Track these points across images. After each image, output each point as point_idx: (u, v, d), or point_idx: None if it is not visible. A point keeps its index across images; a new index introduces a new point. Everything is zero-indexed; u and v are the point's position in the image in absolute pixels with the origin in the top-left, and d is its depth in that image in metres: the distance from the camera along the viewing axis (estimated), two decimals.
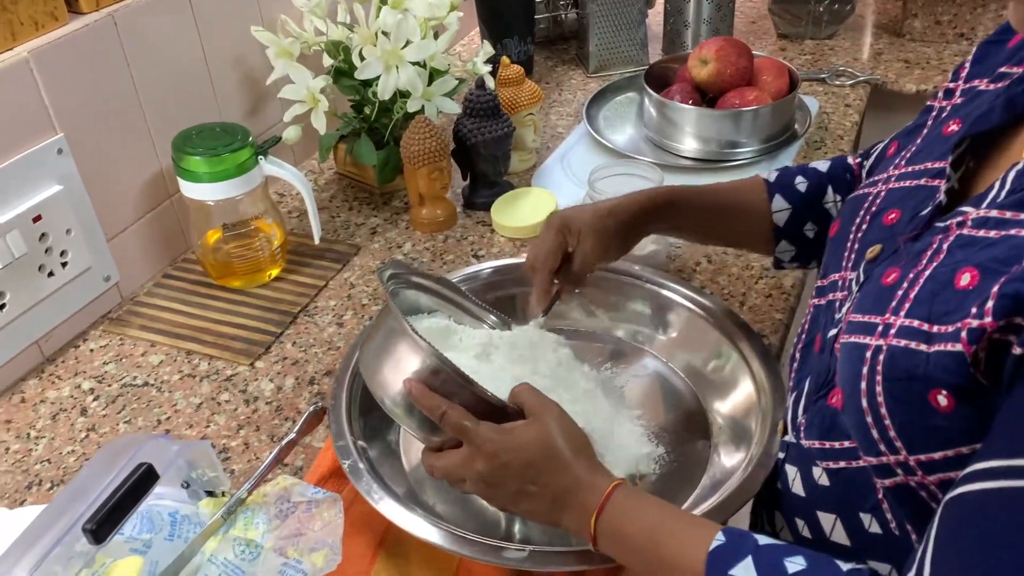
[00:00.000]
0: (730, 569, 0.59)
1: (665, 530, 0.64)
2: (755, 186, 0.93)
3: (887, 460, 0.60)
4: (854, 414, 0.62)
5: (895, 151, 0.79)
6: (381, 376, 0.75)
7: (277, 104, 1.29)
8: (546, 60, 1.72)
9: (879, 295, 0.63)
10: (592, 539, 0.67)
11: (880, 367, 0.59)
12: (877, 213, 0.72)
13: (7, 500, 0.86)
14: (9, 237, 0.93)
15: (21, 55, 0.93)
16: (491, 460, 0.68)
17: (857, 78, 1.56)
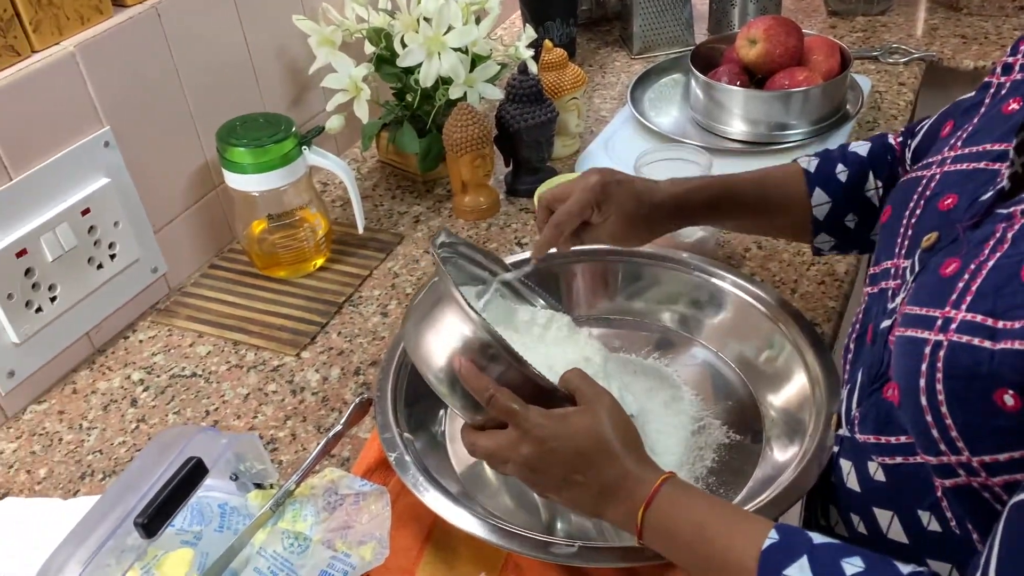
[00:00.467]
0: (784, 568, 0.57)
1: (715, 525, 0.63)
2: (795, 178, 0.89)
3: (948, 460, 0.58)
4: (912, 412, 0.59)
5: (950, 131, 0.75)
6: (427, 347, 0.72)
7: (319, 93, 1.29)
8: (589, 42, 1.69)
9: (937, 286, 0.60)
10: (638, 532, 0.65)
11: (940, 364, 0.56)
12: (932, 198, 0.69)
13: (61, 491, 0.88)
14: (59, 230, 0.94)
15: (68, 49, 0.93)
16: (539, 445, 0.67)
17: (911, 55, 1.51)
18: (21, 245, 0.91)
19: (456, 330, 0.70)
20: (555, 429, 0.67)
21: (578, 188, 0.84)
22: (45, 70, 0.91)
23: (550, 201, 0.85)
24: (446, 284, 0.71)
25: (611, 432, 0.67)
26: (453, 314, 0.71)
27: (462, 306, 0.70)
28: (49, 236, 0.93)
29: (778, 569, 0.57)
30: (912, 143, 0.84)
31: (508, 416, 0.68)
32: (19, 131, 0.90)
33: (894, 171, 0.86)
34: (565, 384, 0.71)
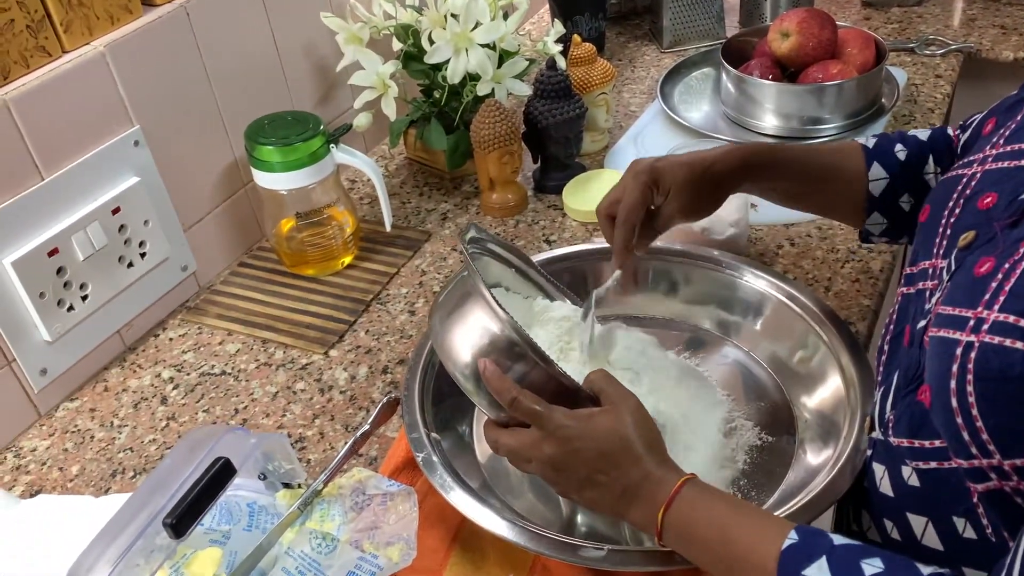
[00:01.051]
0: (803, 569, 0.56)
1: (735, 526, 0.62)
2: (853, 151, 0.87)
3: (979, 464, 0.57)
4: (943, 414, 0.58)
5: (992, 128, 0.73)
6: (453, 344, 0.72)
7: (347, 91, 1.29)
8: (618, 36, 1.68)
9: (971, 286, 0.59)
10: (658, 533, 0.65)
11: (971, 365, 0.55)
12: (972, 196, 0.67)
13: (93, 488, 0.88)
14: (90, 229, 0.95)
15: (98, 49, 0.94)
16: (563, 446, 0.67)
17: (949, 47, 1.48)
18: (53, 244, 0.92)
19: (483, 327, 0.70)
20: (579, 430, 0.67)
21: (630, 179, 0.83)
22: (76, 70, 0.92)
23: (608, 206, 0.84)
24: (474, 280, 0.71)
25: (634, 433, 0.67)
26: (480, 311, 0.71)
27: (490, 303, 0.69)
28: (80, 235, 0.94)
29: (797, 570, 0.57)
30: (963, 137, 0.83)
31: (532, 418, 0.68)
32: (50, 131, 0.91)
33: (952, 161, 0.84)
34: (590, 384, 0.71)
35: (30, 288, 0.90)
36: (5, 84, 0.87)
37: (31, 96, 0.88)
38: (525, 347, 0.69)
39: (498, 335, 0.70)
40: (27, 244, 0.90)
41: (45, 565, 0.76)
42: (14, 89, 0.87)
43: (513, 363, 0.69)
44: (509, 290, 0.85)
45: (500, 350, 0.69)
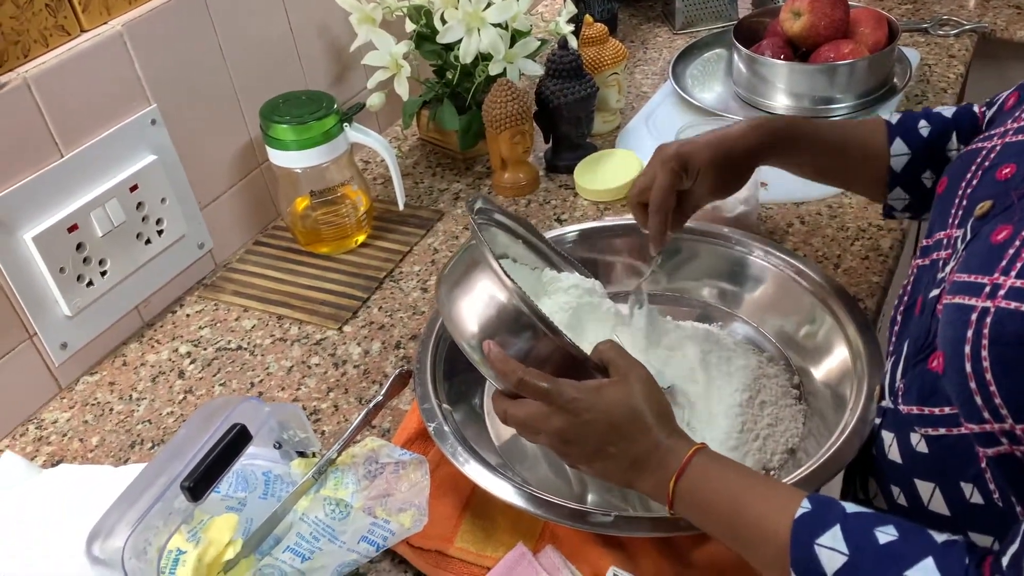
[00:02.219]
0: (817, 538, 0.57)
1: (747, 496, 0.63)
2: (876, 127, 0.88)
3: (991, 428, 0.57)
4: (956, 379, 0.58)
5: (1014, 103, 0.74)
6: (460, 314, 0.72)
7: (361, 71, 1.30)
8: (631, 18, 1.68)
9: (987, 254, 0.59)
10: (669, 502, 0.65)
11: (987, 330, 0.56)
12: (990, 168, 0.67)
13: (112, 458, 0.90)
14: (108, 206, 0.97)
15: (115, 28, 0.95)
16: (572, 418, 0.67)
17: (963, 27, 1.47)
18: (72, 220, 0.94)
19: (490, 297, 0.71)
20: (588, 402, 0.67)
21: (658, 166, 0.83)
22: (94, 49, 0.93)
23: (638, 194, 0.85)
24: (482, 250, 0.71)
25: (644, 404, 0.67)
26: (487, 280, 0.71)
27: (497, 273, 0.70)
28: (99, 212, 0.96)
29: (811, 538, 0.57)
30: (988, 114, 0.83)
31: (540, 396, 0.68)
32: (69, 109, 0.92)
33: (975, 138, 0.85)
34: (599, 355, 0.71)
35: (50, 263, 0.92)
36: (25, 62, 0.89)
37: (50, 74, 0.90)
38: (532, 317, 0.69)
39: (505, 304, 0.70)
40: (47, 220, 0.92)
41: (66, 531, 0.78)
42: (34, 67, 0.89)
43: (520, 333, 0.69)
44: (516, 261, 0.86)
45: (507, 320, 0.70)
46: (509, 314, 0.70)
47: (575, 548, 0.75)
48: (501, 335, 0.70)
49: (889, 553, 0.55)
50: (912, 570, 0.54)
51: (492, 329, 0.71)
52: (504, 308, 0.70)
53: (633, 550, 0.74)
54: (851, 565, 0.56)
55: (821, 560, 0.56)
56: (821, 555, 0.56)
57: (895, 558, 0.55)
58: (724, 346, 0.88)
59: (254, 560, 0.74)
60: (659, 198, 0.83)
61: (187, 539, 0.73)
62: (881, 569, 0.55)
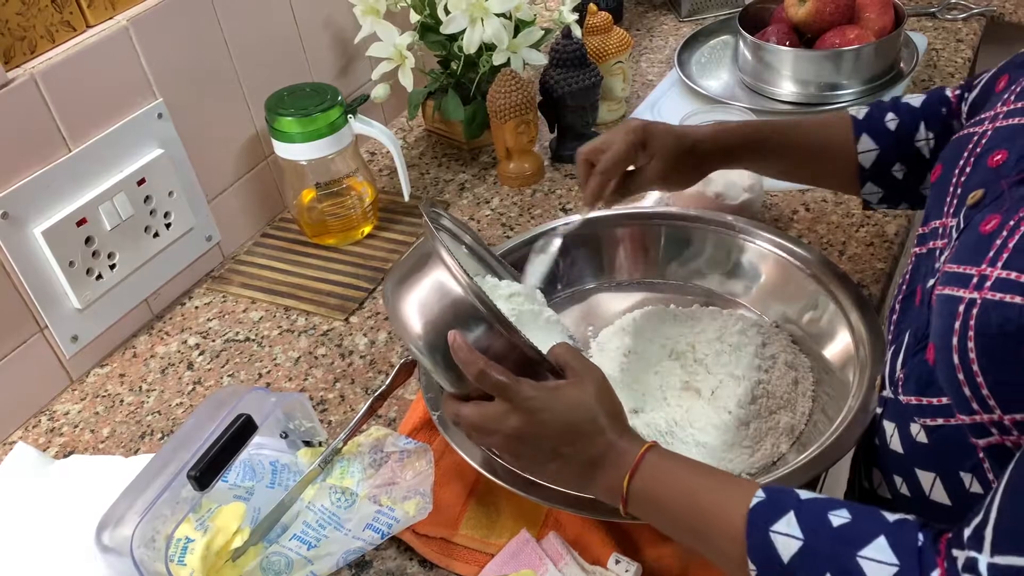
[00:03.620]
0: (772, 525, 0.57)
1: (701, 489, 0.63)
2: (841, 124, 0.87)
3: (981, 419, 0.57)
4: (946, 370, 0.58)
5: (1004, 85, 0.73)
6: (410, 313, 0.67)
7: (366, 63, 1.30)
8: (636, 6, 1.67)
9: (976, 244, 0.59)
10: (623, 500, 0.65)
11: (973, 322, 0.56)
12: (982, 154, 0.67)
13: (123, 449, 0.92)
14: (116, 200, 0.98)
15: (121, 23, 0.96)
16: (529, 417, 0.65)
17: (971, 10, 1.46)
18: (81, 214, 0.95)
19: (445, 296, 0.66)
20: (546, 401, 0.66)
21: (620, 133, 0.84)
22: (100, 44, 0.94)
23: (590, 153, 0.85)
24: (435, 246, 0.67)
25: (599, 406, 0.66)
26: (442, 276, 0.67)
27: (452, 270, 0.66)
28: (107, 205, 0.97)
29: (766, 525, 0.58)
30: (970, 97, 0.82)
31: (498, 391, 0.66)
32: (76, 104, 0.93)
33: (948, 124, 0.84)
34: (554, 357, 0.69)
35: (60, 257, 0.93)
36: (32, 58, 0.90)
37: (57, 70, 0.91)
38: (489, 315, 0.65)
39: (461, 300, 0.66)
40: (56, 214, 0.93)
41: (78, 519, 0.80)
42: (41, 63, 0.90)
43: (475, 331, 0.66)
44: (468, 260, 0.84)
45: (462, 317, 0.65)
46: (465, 311, 0.66)
47: (578, 534, 0.75)
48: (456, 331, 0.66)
49: (842, 535, 0.56)
50: (866, 549, 0.54)
51: (445, 326, 0.66)
52: (460, 304, 0.66)
53: (635, 536, 0.75)
54: (806, 549, 0.56)
55: (777, 546, 0.57)
56: (776, 541, 0.57)
57: (849, 539, 0.55)
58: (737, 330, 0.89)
59: (262, 548, 0.75)
60: (609, 161, 0.83)
61: (195, 527, 0.74)
62: (836, 551, 0.55)
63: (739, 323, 0.90)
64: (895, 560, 0.53)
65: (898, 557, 0.53)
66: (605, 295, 1.00)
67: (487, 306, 0.65)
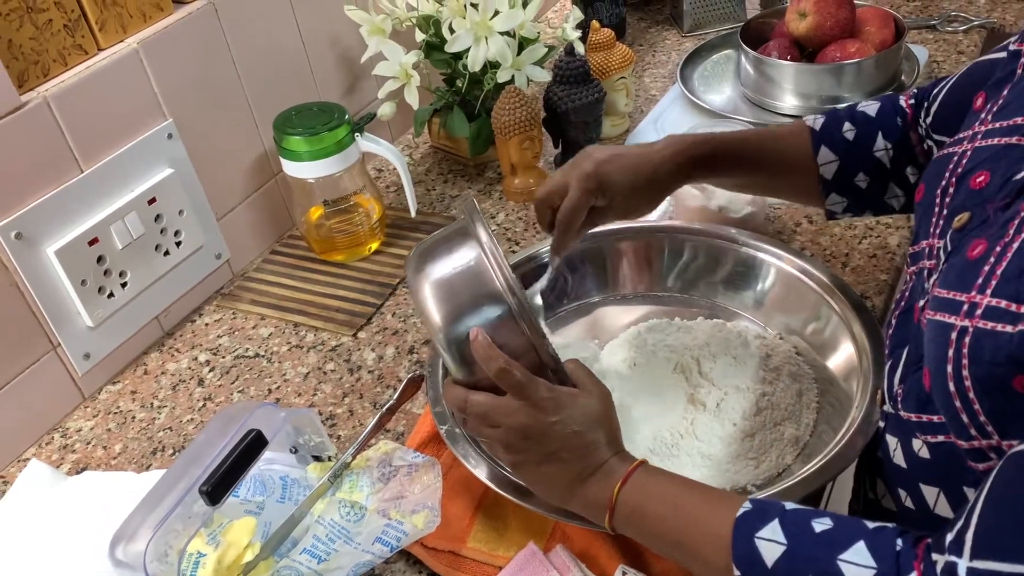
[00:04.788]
0: (757, 532, 0.59)
1: (689, 500, 0.65)
2: (799, 136, 0.86)
3: (980, 445, 0.57)
4: (943, 398, 0.58)
5: (982, 103, 0.71)
6: (433, 292, 0.66)
7: (373, 82, 1.32)
8: (639, 22, 1.69)
9: (964, 269, 0.59)
10: (611, 509, 0.66)
11: (966, 350, 0.55)
12: (964, 175, 0.66)
13: (135, 465, 0.93)
14: (127, 219, 0.99)
15: (131, 46, 0.98)
16: (541, 417, 0.66)
17: (971, 22, 1.47)
18: (93, 234, 0.96)
19: (477, 283, 0.66)
20: (561, 404, 0.67)
21: (574, 180, 0.81)
22: (111, 67, 0.96)
23: (547, 196, 0.83)
24: (479, 232, 0.67)
25: (606, 422, 0.69)
26: (479, 267, 0.66)
27: (493, 261, 0.65)
28: (118, 225, 0.98)
29: (751, 533, 0.59)
30: (930, 106, 0.81)
31: (517, 389, 0.66)
32: (88, 126, 0.95)
33: (906, 134, 0.84)
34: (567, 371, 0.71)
35: (72, 276, 0.95)
36: (45, 81, 0.92)
37: (70, 93, 0.92)
38: (521, 313, 0.65)
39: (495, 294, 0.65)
40: (69, 234, 0.94)
41: (91, 535, 0.81)
42: (54, 86, 0.91)
43: (501, 326, 0.65)
44: None
45: (492, 310, 0.65)
46: (497, 304, 0.65)
47: (585, 547, 0.76)
48: (481, 321, 0.65)
49: (823, 540, 0.57)
50: (846, 553, 0.55)
51: (470, 314, 0.65)
52: (492, 296, 0.65)
53: (642, 548, 0.75)
54: (789, 553, 0.57)
55: (761, 552, 0.58)
56: (761, 547, 0.58)
57: (829, 544, 0.57)
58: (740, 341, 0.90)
59: (273, 562, 0.76)
60: (567, 215, 0.81)
61: (207, 542, 0.75)
62: (817, 554, 0.56)
63: (743, 335, 0.91)
64: (873, 563, 0.54)
65: (876, 560, 0.55)
66: (610, 308, 1.01)
67: (522, 306, 0.65)
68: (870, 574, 0.54)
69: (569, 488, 0.68)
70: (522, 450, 0.68)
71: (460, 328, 0.66)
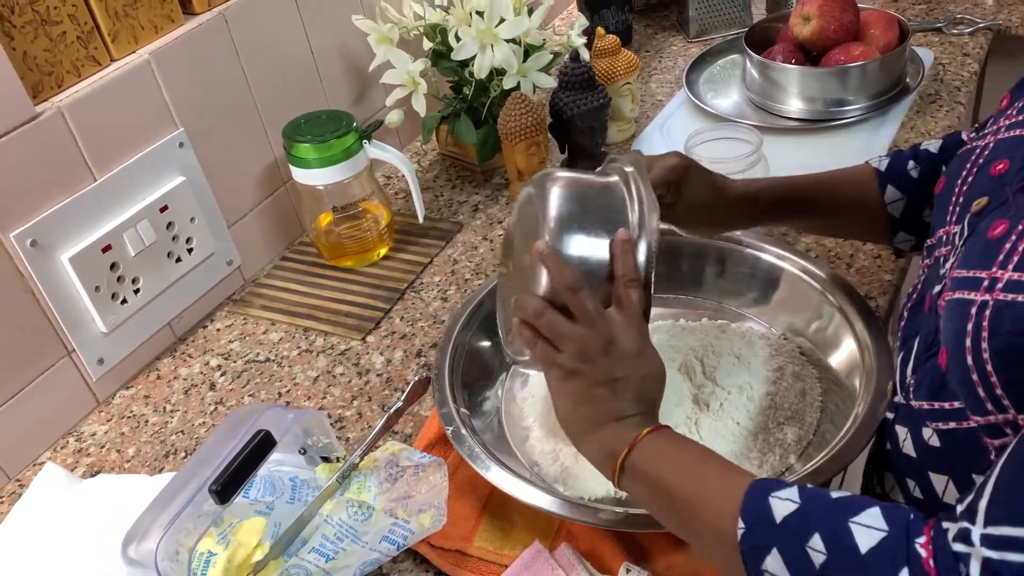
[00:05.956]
0: (773, 491, 0.59)
1: (711, 457, 0.65)
2: (866, 177, 0.88)
3: (995, 420, 0.58)
4: (959, 372, 0.60)
5: (1007, 103, 0.74)
6: (572, 202, 0.71)
7: (381, 90, 1.34)
8: (645, 28, 1.70)
9: (984, 249, 0.60)
10: (630, 448, 0.66)
11: (986, 323, 0.57)
12: (984, 165, 0.69)
13: (147, 468, 0.94)
14: (140, 226, 1.01)
15: (143, 57, 1.00)
16: (612, 348, 0.69)
17: (977, 25, 1.48)
18: (106, 241, 0.98)
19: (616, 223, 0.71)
20: (635, 344, 0.69)
21: (657, 164, 0.82)
22: (123, 77, 0.98)
23: None
24: (644, 189, 0.72)
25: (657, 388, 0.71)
26: (623, 208, 0.72)
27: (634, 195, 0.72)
28: (131, 232, 1.00)
29: (767, 491, 0.59)
30: None
31: (593, 315, 0.69)
32: (101, 135, 0.97)
33: None
34: None
35: (86, 282, 0.96)
36: (59, 92, 0.94)
37: (83, 103, 0.94)
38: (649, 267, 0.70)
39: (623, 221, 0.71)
40: (83, 241, 0.96)
41: (104, 536, 0.82)
42: (67, 97, 0.93)
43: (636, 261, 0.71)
44: None
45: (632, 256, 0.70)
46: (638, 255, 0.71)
47: (590, 545, 0.77)
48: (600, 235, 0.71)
49: (838, 504, 0.57)
50: (859, 516, 0.55)
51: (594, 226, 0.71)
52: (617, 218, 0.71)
53: (646, 546, 0.76)
54: (801, 511, 0.57)
55: (773, 508, 0.58)
56: (774, 504, 0.58)
57: (843, 507, 0.56)
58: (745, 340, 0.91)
59: (282, 561, 0.77)
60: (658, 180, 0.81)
61: (217, 542, 0.77)
62: (831, 516, 0.56)
63: (747, 335, 0.92)
64: (885, 526, 0.54)
65: (888, 524, 0.55)
66: None
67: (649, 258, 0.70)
68: (880, 536, 0.54)
69: (595, 424, 0.69)
70: (579, 369, 0.69)
71: (576, 232, 0.70)
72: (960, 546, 0.50)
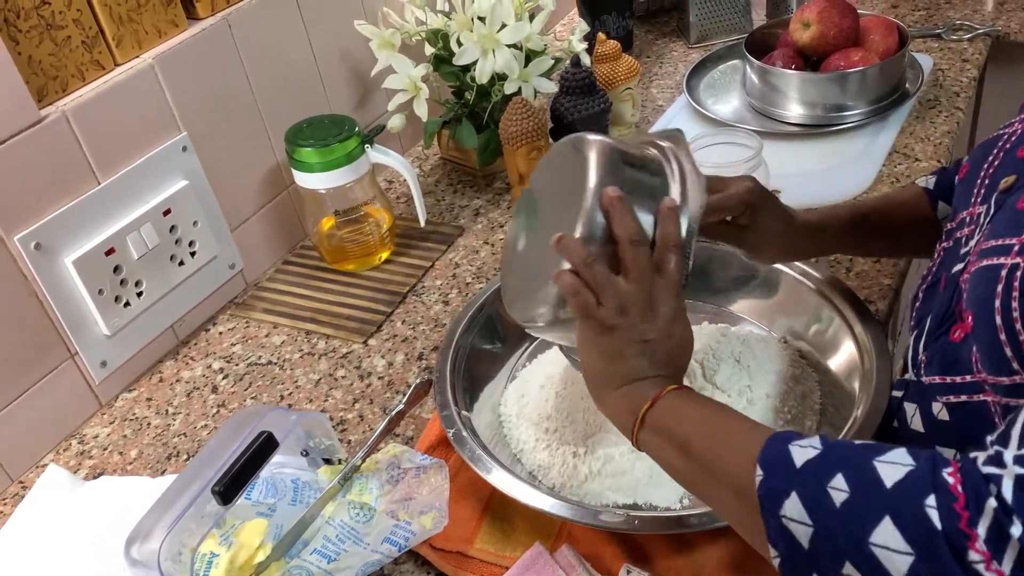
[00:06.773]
0: (795, 441, 0.57)
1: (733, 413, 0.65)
2: (917, 198, 0.89)
3: (1020, 379, 0.60)
4: (985, 334, 0.61)
5: None
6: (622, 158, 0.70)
7: (383, 94, 1.34)
8: (646, 33, 1.71)
9: (1013, 219, 0.62)
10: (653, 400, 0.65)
11: (1017, 283, 0.58)
12: (1011, 149, 0.71)
13: (150, 470, 0.95)
14: (143, 230, 1.02)
15: (147, 62, 1.01)
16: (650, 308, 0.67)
17: (976, 30, 1.48)
18: (109, 244, 0.98)
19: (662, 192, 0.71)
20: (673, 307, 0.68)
21: (734, 184, 0.80)
22: (127, 82, 0.99)
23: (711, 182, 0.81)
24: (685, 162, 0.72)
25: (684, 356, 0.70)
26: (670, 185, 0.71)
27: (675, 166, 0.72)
28: (134, 235, 1.01)
29: (788, 440, 0.57)
30: None
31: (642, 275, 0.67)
32: (105, 139, 0.97)
33: None
34: None
35: (90, 285, 0.97)
36: (63, 96, 0.94)
37: (87, 107, 0.95)
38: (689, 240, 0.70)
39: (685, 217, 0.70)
40: (86, 244, 0.97)
41: (107, 537, 0.82)
42: (72, 101, 0.94)
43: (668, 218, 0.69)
44: None
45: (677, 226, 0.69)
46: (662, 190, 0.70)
47: (590, 547, 0.77)
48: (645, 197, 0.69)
49: (864, 446, 0.55)
50: (885, 455, 0.53)
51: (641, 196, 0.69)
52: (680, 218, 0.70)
53: (647, 548, 0.76)
54: (823, 456, 0.55)
55: (793, 454, 0.55)
56: (794, 451, 0.56)
57: (869, 448, 0.54)
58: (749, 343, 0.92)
59: (284, 562, 0.78)
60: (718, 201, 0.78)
61: (220, 543, 0.77)
62: (855, 456, 0.54)
63: (747, 339, 0.92)
64: (911, 461, 0.52)
65: (915, 460, 0.52)
66: None
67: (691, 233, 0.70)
68: (906, 470, 0.51)
69: (621, 381, 0.67)
70: (610, 328, 0.67)
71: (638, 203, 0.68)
72: (991, 468, 0.49)
